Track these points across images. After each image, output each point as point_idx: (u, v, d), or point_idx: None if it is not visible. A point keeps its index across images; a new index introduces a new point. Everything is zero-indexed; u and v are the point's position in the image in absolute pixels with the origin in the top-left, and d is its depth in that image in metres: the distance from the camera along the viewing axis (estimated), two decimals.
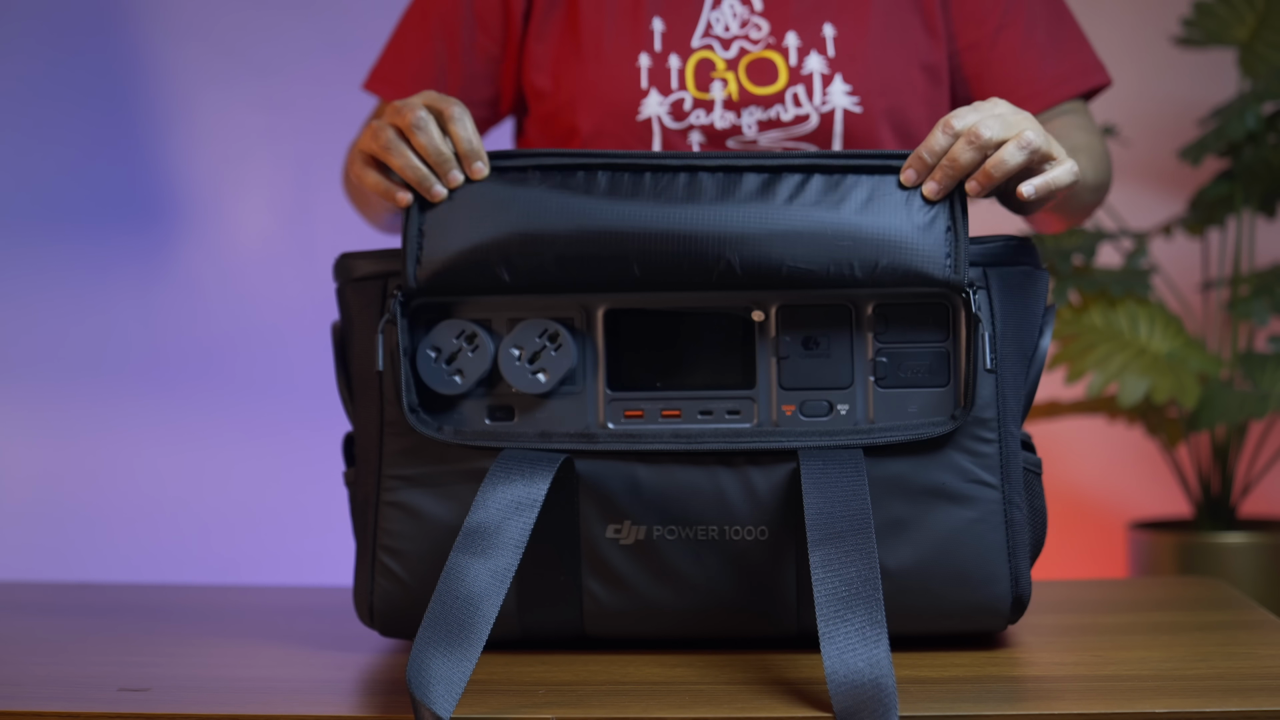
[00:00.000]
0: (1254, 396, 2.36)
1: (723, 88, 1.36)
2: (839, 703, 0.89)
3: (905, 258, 1.03)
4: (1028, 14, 1.41)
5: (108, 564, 2.71)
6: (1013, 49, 1.41)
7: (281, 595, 1.45)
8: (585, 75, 1.38)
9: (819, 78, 1.37)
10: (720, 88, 1.36)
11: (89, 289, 2.79)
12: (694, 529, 1.06)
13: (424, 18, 1.44)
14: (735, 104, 1.37)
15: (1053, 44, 1.42)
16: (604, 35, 1.38)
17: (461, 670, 0.92)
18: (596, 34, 1.38)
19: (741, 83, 1.36)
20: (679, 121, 1.36)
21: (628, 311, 1.08)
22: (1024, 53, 1.41)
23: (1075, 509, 2.79)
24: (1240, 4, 2.57)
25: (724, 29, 1.38)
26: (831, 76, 1.37)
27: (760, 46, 1.37)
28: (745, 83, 1.36)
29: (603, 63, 1.37)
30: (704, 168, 1.05)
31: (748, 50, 1.37)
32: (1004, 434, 1.06)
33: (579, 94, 1.38)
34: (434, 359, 1.08)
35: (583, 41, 1.38)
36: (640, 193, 1.05)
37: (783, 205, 1.04)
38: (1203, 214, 2.57)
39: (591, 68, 1.38)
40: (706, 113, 1.36)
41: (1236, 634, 1.14)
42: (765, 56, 1.37)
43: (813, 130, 1.37)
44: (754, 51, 1.37)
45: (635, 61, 1.37)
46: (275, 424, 2.75)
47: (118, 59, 2.80)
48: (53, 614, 1.34)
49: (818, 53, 1.37)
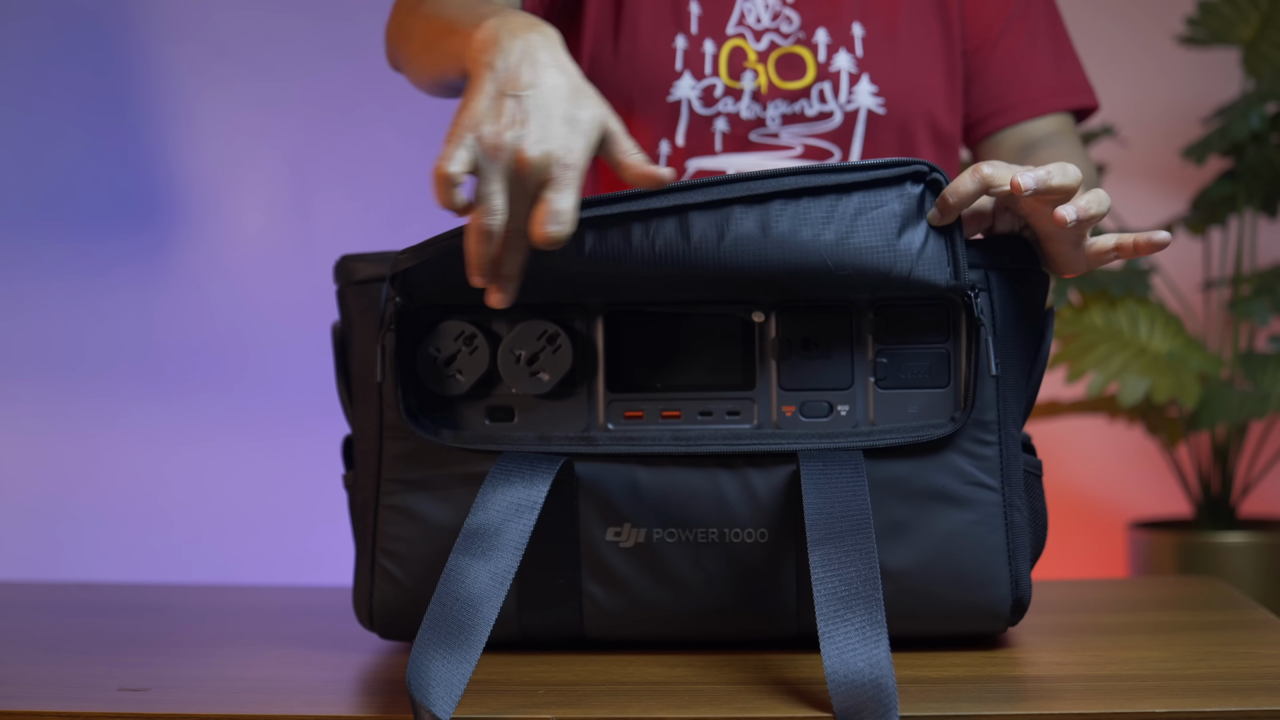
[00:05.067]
0: (1254, 396, 2.36)
1: (754, 79, 1.36)
2: (839, 703, 0.89)
3: (906, 273, 1.02)
4: (1029, 26, 1.43)
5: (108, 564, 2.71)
6: (1011, 55, 1.42)
7: (281, 595, 1.45)
8: (621, 50, 1.38)
9: (846, 76, 1.37)
10: (751, 78, 1.36)
11: (89, 289, 2.79)
12: (694, 531, 1.06)
13: None
14: (763, 96, 1.37)
15: (1049, 58, 1.44)
16: (642, 11, 1.38)
17: (461, 672, 0.92)
18: (636, 12, 1.38)
19: (771, 77, 1.36)
20: (708, 107, 1.37)
21: (627, 312, 1.08)
22: (1021, 61, 1.42)
23: (1075, 509, 2.79)
24: (1244, 4, 2.57)
25: (755, 20, 1.38)
26: (859, 76, 1.37)
27: (790, 41, 1.38)
28: (774, 77, 1.36)
29: (639, 39, 1.38)
30: (693, 205, 1.01)
31: (778, 44, 1.38)
32: (1004, 436, 1.06)
33: (614, 68, 1.38)
34: (434, 360, 1.08)
35: (624, 19, 1.39)
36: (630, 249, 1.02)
37: (777, 241, 1.01)
38: (1205, 213, 2.57)
39: (627, 43, 1.38)
40: (735, 101, 1.37)
41: (1236, 634, 1.14)
42: (795, 51, 1.37)
43: (835, 128, 1.37)
44: (784, 45, 1.38)
45: (672, 42, 1.37)
46: (275, 424, 2.76)
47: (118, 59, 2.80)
48: (53, 614, 1.34)
49: (846, 51, 1.38)
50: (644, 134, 1.39)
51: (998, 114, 1.44)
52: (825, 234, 1.01)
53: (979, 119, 1.45)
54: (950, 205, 1.01)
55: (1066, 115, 1.44)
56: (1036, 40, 1.43)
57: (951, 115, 1.43)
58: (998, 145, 1.44)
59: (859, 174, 1.01)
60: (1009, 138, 1.44)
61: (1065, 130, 1.43)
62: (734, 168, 1.39)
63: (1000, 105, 1.43)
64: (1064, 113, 1.44)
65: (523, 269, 0.99)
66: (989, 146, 1.45)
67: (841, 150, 1.39)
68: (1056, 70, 1.44)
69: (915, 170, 1.02)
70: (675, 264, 1.02)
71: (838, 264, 1.02)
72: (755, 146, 1.39)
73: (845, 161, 1.11)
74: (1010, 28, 1.42)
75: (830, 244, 1.01)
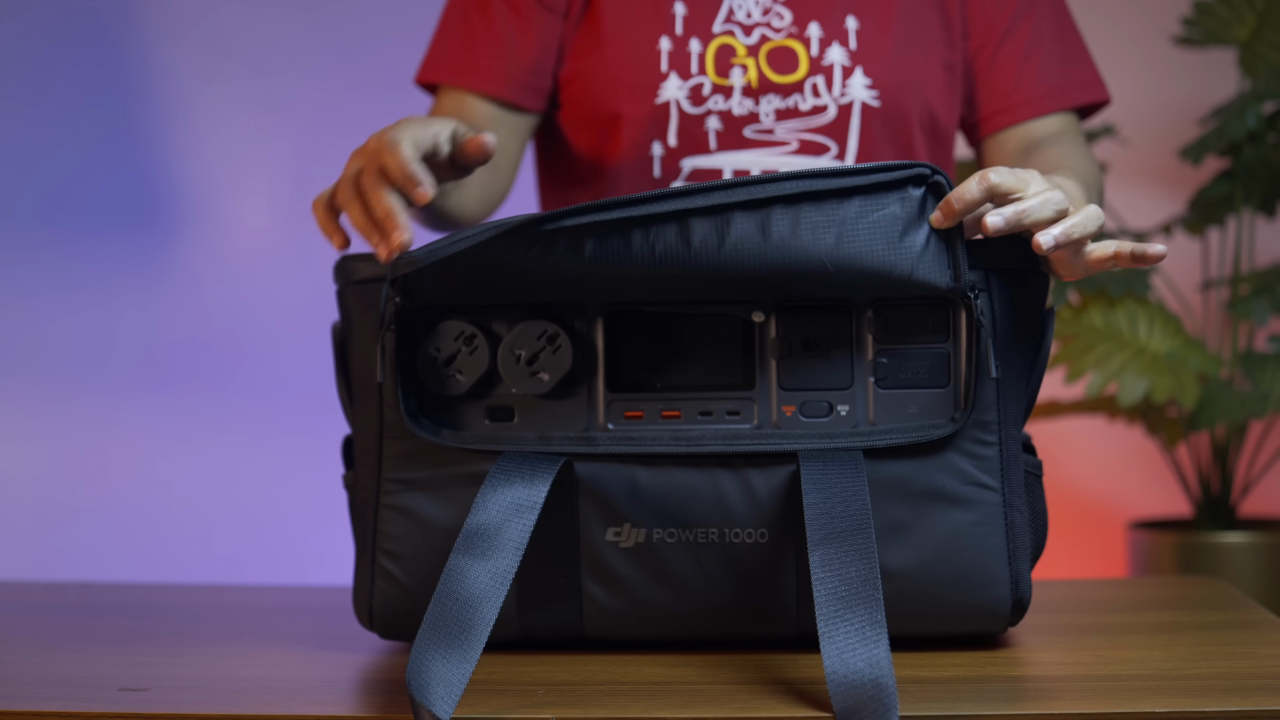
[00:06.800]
0: (1254, 396, 2.36)
1: (742, 74, 1.36)
2: (839, 703, 0.89)
3: (906, 274, 1.02)
4: (1035, 23, 1.42)
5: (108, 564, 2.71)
6: (1016, 55, 1.41)
7: (281, 595, 1.45)
8: (606, 57, 1.38)
9: (839, 69, 1.37)
10: (740, 74, 1.36)
11: (90, 289, 2.79)
12: (694, 532, 1.06)
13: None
14: (754, 91, 1.36)
15: (1055, 56, 1.43)
16: (625, 18, 1.39)
17: (461, 672, 0.92)
18: (618, 17, 1.39)
19: (762, 70, 1.36)
20: (697, 106, 1.36)
21: (627, 312, 1.08)
22: (1026, 60, 1.42)
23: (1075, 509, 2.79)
24: (1240, 4, 2.57)
25: (746, 15, 1.38)
26: (852, 69, 1.37)
27: (782, 35, 1.37)
28: (766, 70, 1.36)
29: (624, 45, 1.38)
30: (693, 211, 1.01)
31: (769, 38, 1.37)
32: (1004, 436, 1.06)
33: (600, 75, 1.38)
34: (434, 360, 1.08)
35: (604, 26, 1.39)
36: (630, 254, 1.02)
37: (778, 245, 1.01)
38: (1203, 213, 2.57)
39: (612, 49, 1.38)
40: (725, 98, 1.36)
41: (1236, 634, 1.14)
42: (787, 45, 1.37)
43: (830, 122, 1.37)
44: (775, 39, 1.37)
45: (656, 44, 1.37)
46: (275, 423, 2.75)
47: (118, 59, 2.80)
48: (53, 614, 1.34)
49: (839, 45, 1.38)
50: (636, 137, 1.39)
51: (1001, 113, 1.44)
52: (825, 237, 1.01)
53: (983, 117, 1.45)
54: (955, 211, 1.01)
55: (1070, 114, 1.44)
56: (1042, 38, 1.42)
57: (948, 109, 1.43)
58: (1001, 144, 1.44)
59: (860, 178, 1.01)
60: (1012, 137, 1.43)
61: (1069, 129, 1.42)
62: (729, 165, 1.39)
63: (1004, 104, 1.43)
64: (1068, 111, 1.44)
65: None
66: (992, 145, 1.45)
67: (837, 144, 1.39)
68: (1062, 69, 1.43)
69: (917, 174, 1.02)
70: (675, 267, 1.02)
71: (838, 266, 1.02)
72: (750, 143, 1.39)
73: (846, 164, 1.11)
74: (1015, 26, 1.42)
75: (830, 246, 1.01)
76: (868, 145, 1.39)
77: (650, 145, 1.39)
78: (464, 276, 1.05)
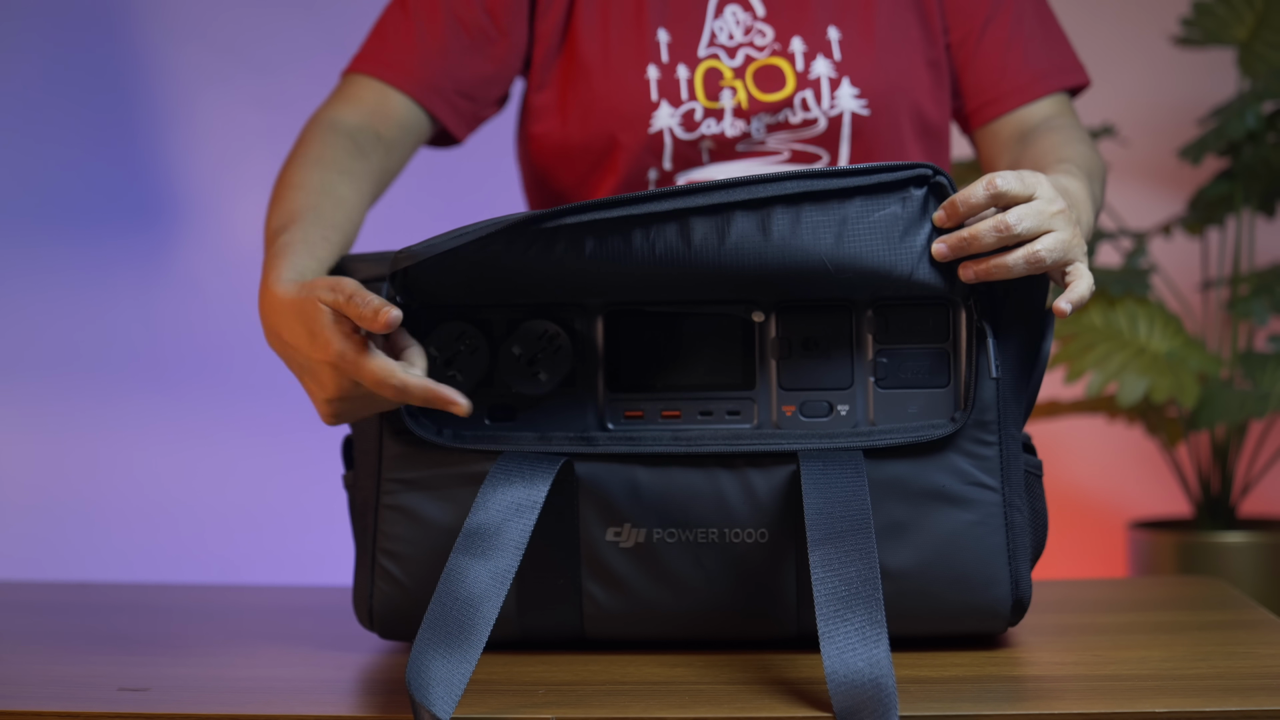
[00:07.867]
0: (1254, 396, 2.36)
1: (732, 96, 1.36)
2: (839, 703, 0.89)
3: (906, 275, 1.02)
4: (1014, 11, 1.42)
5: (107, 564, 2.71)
6: (998, 44, 1.41)
7: (281, 595, 1.45)
8: (594, 86, 1.37)
9: (826, 81, 1.36)
10: (730, 96, 1.36)
11: (89, 289, 2.79)
12: (694, 532, 1.06)
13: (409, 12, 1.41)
14: (745, 112, 1.36)
15: (1037, 41, 1.42)
16: (610, 50, 1.37)
17: (461, 672, 0.92)
18: (602, 50, 1.38)
19: (750, 91, 1.36)
20: (690, 132, 1.36)
21: (627, 312, 1.08)
22: (1009, 48, 1.41)
23: (1075, 509, 2.79)
24: (1239, 4, 2.57)
25: (728, 37, 1.37)
26: (839, 80, 1.36)
27: (766, 53, 1.37)
28: (754, 90, 1.36)
29: (610, 74, 1.37)
30: (693, 210, 1.01)
31: (754, 58, 1.37)
32: (1004, 436, 1.06)
33: (590, 105, 1.37)
34: (434, 360, 1.08)
35: (585, 56, 1.38)
36: (630, 252, 1.02)
37: (778, 244, 1.01)
38: (1202, 213, 2.57)
39: (599, 79, 1.37)
40: (717, 121, 1.36)
41: (1236, 634, 1.14)
42: (772, 63, 1.37)
43: (820, 133, 1.37)
44: (760, 59, 1.37)
45: (644, 73, 1.37)
46: (274, 423, 2.75)
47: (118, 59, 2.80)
48: (53, 614, 1.34)
49: (824, 56, 1.37)
50: (630, 164, 1.38)
51: (991, 103, 1.43)
52: (826, 237, 1.01)
53: (973, 109, 1.44)
54: (959, 213, 1.02)
55: (1062, 96, 1.43)
56: (1023, 25, 1.42)
57: (938, 107, 1.43)
58: (995, 134, 1.43)
59: (861, 178, 1.01)
60: (1006, 125, 1.43)
61: (1062, 112, 1.42)
62: (723, 174, 1.38)
63: (993, 94, 1.42)
64: (1059, 94, 1.43)
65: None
66: (987, 135, 1.44)
67: (829, 154, 1.38)
68: (1046, 53, 1.42)
69: (919, 174, 1.02)
70: (676, 267, 1.02)
71: (838, 266, 1.02)
72: (743, 155, 1.38)
73: (847, 165, 1.11)
74: (995, 14, 1.41)
75: (831, 246, 1.01)
76: (860, 152, 1.39)
77: (646, 171, 1.39)
78: (464, 276, 1.05)
